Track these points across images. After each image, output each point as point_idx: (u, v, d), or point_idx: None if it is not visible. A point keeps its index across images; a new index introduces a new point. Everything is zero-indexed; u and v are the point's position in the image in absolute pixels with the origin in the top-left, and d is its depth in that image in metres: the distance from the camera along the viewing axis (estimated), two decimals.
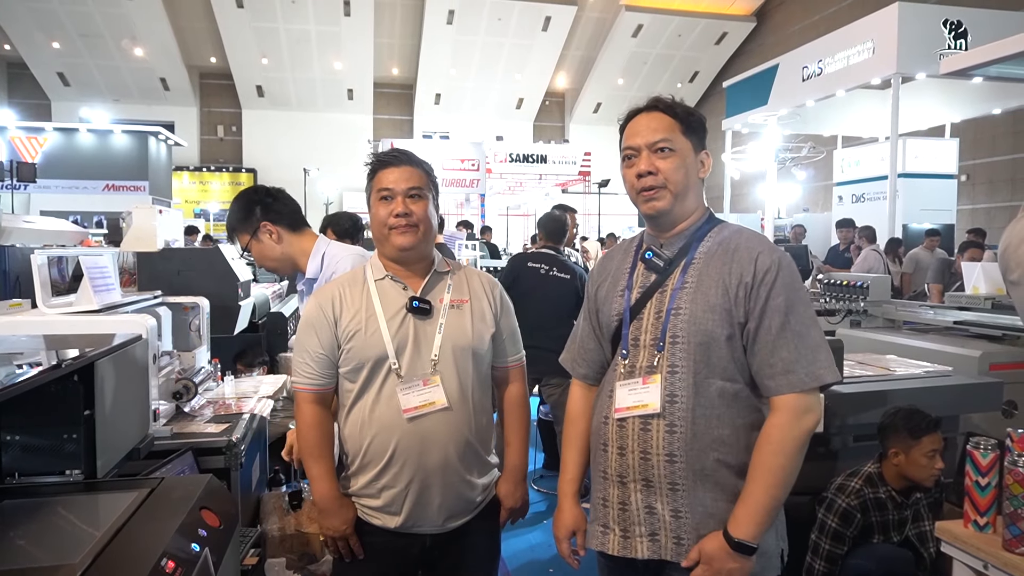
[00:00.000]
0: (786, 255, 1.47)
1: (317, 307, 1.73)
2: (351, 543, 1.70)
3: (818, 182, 15.69)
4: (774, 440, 1.38)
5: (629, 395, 1.48)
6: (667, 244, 1.54)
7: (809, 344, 1.40)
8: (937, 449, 2.30)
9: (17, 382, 1.33)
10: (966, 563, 1.68)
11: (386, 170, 1.71)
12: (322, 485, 1.70)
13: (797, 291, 1.43)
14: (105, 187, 16.04)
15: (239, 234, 2.23)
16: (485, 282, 1.83)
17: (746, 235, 1.51)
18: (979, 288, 4.49)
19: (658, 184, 1.48)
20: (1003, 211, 13.15)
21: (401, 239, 1.68)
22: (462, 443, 1.70)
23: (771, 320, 1.40)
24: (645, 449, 1.46)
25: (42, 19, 17.43)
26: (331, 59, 19.74)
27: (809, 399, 1.40)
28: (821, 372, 1.39)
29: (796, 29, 17.89)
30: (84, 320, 2.17)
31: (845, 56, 9.42)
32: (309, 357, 1.71)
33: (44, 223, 3.18)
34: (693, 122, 1.52)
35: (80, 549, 1.14)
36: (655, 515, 1.45)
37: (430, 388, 1.66)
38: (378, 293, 1.71)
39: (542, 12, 19.26)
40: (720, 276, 1.45)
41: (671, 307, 1.47)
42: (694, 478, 1.42)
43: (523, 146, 17.89)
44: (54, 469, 1.52)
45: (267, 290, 4.81)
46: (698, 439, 1.42)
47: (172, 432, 2.26)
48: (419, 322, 1.70)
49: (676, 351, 1.45)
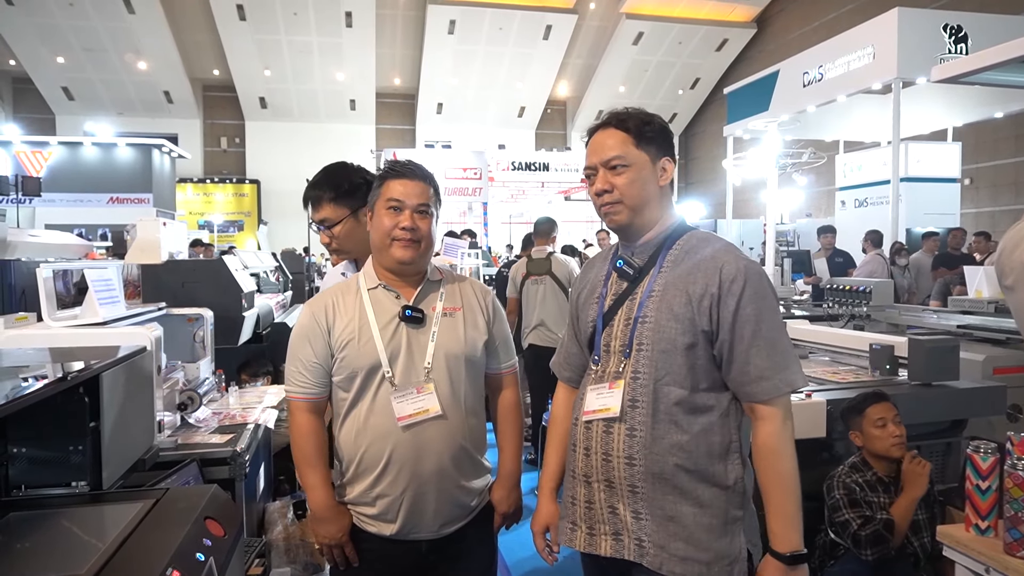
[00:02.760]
0: (753, 264, 1.49)
1: (310, 316, 1.73)
2: (346, 551, 1.71)
3: (820, 187, 15.69)
4: (774, 449, 1.43)
5: (596, 399, 1.53)
6: (638, 252, 1.58)
7: (780, 350, 1.45)
8: (885, 417, 2.36)
9: (23, 395, 1.35)
10: (968, 567, 1.68)
11: (398, 180, 1.73)
12: (318, 493, 1.71)
13: (765, 299, 1.46)
14: (109, 200, 16.12)
15: (337, 206, 2.09)
16: (477, 290, 1.85)
17: (713, 244, 1.53)
18: (982, 292, 4.49)
19: (614, 200, 1.53)
20: (1007, 215, 13.12)
21: (403, 252, 1.70)
22: (456, 449, 1.71)
23: (743, 330, 1.44)
24: (607, 451, 1.51)
25: (46, 34, 17.57)
26: (333, 70, 19.84)
27: (786, 403, 1.46)
28: (793, 378, 1.45)
29: (796, 35, 17.93)
30: (89, 333, 2.19)
31: (846, 61, 9.43)
32: (302, 366, 1.72)
33: (49, 237, 3.20)
34: (648, 132, 1.53)
35: (86, 560, 1.15)
36: (617, 515, 1.50)
37: (424, 396, 1.67)
38: (371, 302, 1.73)
39: (543, 21, 19.34)
40: (684, 285, 1.48)
41: (639, 315, 1.51)
42: (653, 481, 1.46)
43: (525, 154, 17.96)
44: (60, 481, 1.53)
45: (270, 300, 4.83)
46: (656, 443, 1.46)
47: (177, 443, 2.28)
48: (412, 330, 1.71)
49: (640, 358, 1.49)
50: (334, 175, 2.14)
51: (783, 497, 1.42)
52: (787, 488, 1.43)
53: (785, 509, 1.42)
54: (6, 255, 2.62)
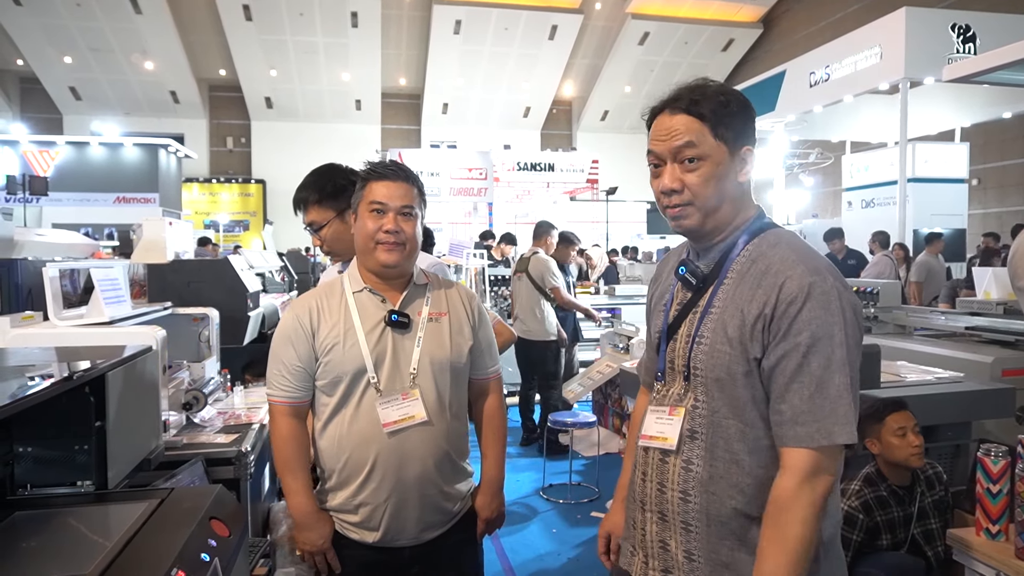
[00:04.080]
0: (827, 279, 1.22)
1: (294, 318, 1.71)
2: (328, 557, 1.70)
3: (827, 188, 15.64)
4: (783, 507, 1.19)
5: (655, 423, 1.37)
6: (703, 255, 1.36)
7: (828, 393, 1.18)
8: (905, 426, 2.32)
9: (29, 394, 1.34)
10: (978, 571, 1.66)
11: (380, 182, 1.69)
12: (299, 499, 1.69)
13: (828, 327, 1.19)
14: (116, 199, 16.18)
15: (322, 209, 2.11)
16: (463, 295, 1.84)
17: (782, 251, 1.27)
18: (991, 293, 4.46)
19: (684, 202, 1.29)
20: (1014, 215, 13.05)
21: (387, 256, 1.67)
22: (440, 455, 1.70)
23: (787, 361, 1.20)
24: (662, 481, 1.34)
25: (54, 35, 17.65)
26: (339, 70, 19.87)
27: (821, 459, 1.18)
28: (835, 429, 1.17)
29: (803, 35, 17.88)
30: (95, 332, 2.19)
31: (852, 61, 9.39)
32: (285, 369, 1.70)
33: (56, 236, 3.21)
34: (727, 117, 1.27)
35: (91, 560, 1.15)
36: (668, 552, 1.34)
37: (409, 402, 1.66)
38: (356, 306, 1.71)
39: (548, 21, 19.33)
40: (741, 303, 1.25)
41: (696, 333, 1.30)
42: (708, 522, 1.28)
43: (530, 154, 17.93)
44: (66, 480, 1.53)
45: (276, 300, 4.84)
46: (715, 483, 1.27)
47: (182, 443, 2.28)
48: (397, 336, 1.70)
49: (697, 384, 1.30)
50: (319, 177, 2.15)
51: (780, 563, 1.17)
52: (790, 557, 1.16)
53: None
54: (12, 254, 2.63)
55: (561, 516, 4.27)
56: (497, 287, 7.46)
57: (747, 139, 1.31)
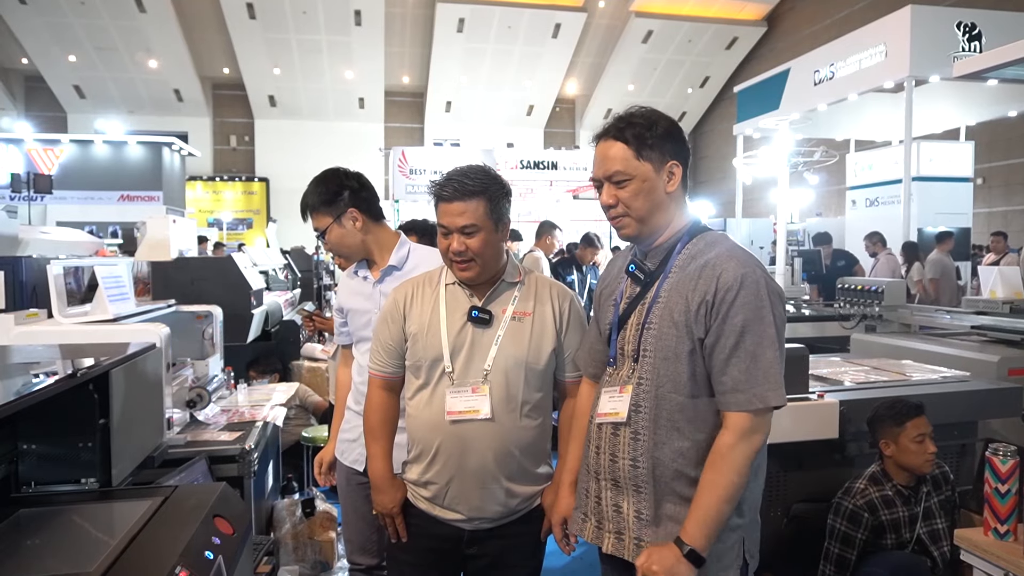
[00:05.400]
0: (756, 271, 1.45)
1: (393, 301, 1.83)
2: (397, 522, 1.79)
3: (831, 186, 15.59)
4: (723, 456, 1.42)
5: (608, 402, 1.56)
6: (650, 256, 1.57)
7: (761, 365, 1.41)
8: (924, 433, 2.31)
9: (33, 391, 1.34)
10: (986, 572, 1.66)
11: (442, 204, 1.72)
12: (377, 464, 1.82)
13: (758, 309, 1.42)
14: (120, 197, 16.20)
15: (321, 215, 2.17)
16: (557, 295, 1.82)
17: (719, 249, 1.50)
18: (996, 292, 4.44)
19: (620, 214, 1.52)
20: (1020, 215, 13.01)
21: (462, 273, 1.74)
22: (503, 453, 1.72)
23: (726, 339, 1.42)
24: (614, 452, 1.53)
25: (58, 33, 17.66)
26: (342, 69, 19.86)
27: (756, 419, 1.42)
28: (768, 395, 1.41)
29: (807, 33, 17.82)
30: (99, 329, 2.19)
31: (857, 60, 9.35)
32: (381, 345, 1.82)
33: (60, 234, 3.21)
34: (650, 140, 1.49)
35: (95, 557, 1.15)
36: (621, 514, 1.53)
37: (477, 396, 1.70)
38: (446, 297, 1.78)
39: (552, 19, 19.28)
40: (685, 292, 1.47)
41: (646, 321, 1.51)
42: (655, 483, 1.48)
43: (534, 153, 17.88)
44: (70, 478, 1.53)
45: (279, 298, 4.84)
46: (659, 448, 1.48)
47: (186, 440, 2.28)
48: (478, 331, 1.74)
49: (645, 363, 1.50)
50: (316, 185, 2.21)
51: (710, 502, 1.41)
52: (719, 497, 1.41)
53: (707, 513, 1.41)
54: (17, 252, 2.63)
55: None
56: None
57: (675, 156, 1.52)
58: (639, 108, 1.54)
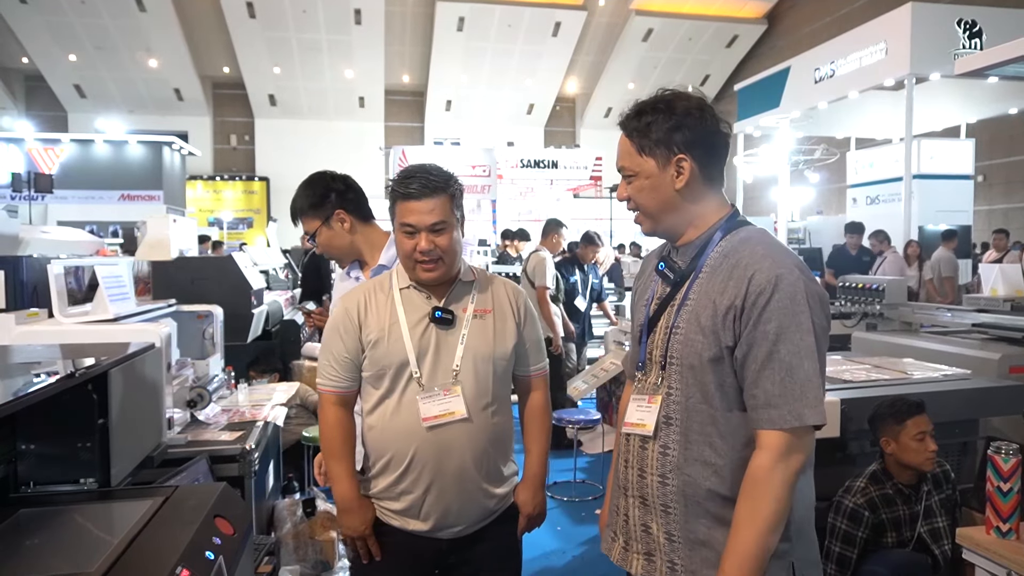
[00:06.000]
0: (793, 272, 1.29)
1: (344, 311, 1.75)
2: (369, 543, 1.72)
3: (832, 184, 15.58)
4: (759, 483, 1.27)
5: (636, 411, 1.45)
6: (680, 254, 1.45)
7: (798, 378, 1.26)
8: (925, 431, 2.31)
9: (31, 391, 1.34)
10: (988, 570, 1.65)
11: (406, 203, 1.67)
12: (343, 485, 1.72)
13: (795, 316, 1.27)
14: (120, 197, 16.21)
15: (309, 219, 2.17)
16: (510, 291, 1.83)
17: (752, 246, 1.35)
18: (998, 290, 4.43)
19: (633, 209, 1.45)
20: (1020, 212, 12.99)
21: (427, 274, 1.69)
22: (480, 452, 1.71)
23: (758, 348, 1.28)
24: (642, 467, 1.42)
25: (59, 33, 17.66)
26: (342, 68, 19.85)
27: (793, 439, 1.26)
28: (805, 412, 1.25)
29: (807, 31, 17.79)
30: (99, 329, 2.19)
31: (858, 57, 9.34)
32: (334, 359, 1.73)
33: (60, 233, 3.21)
34: (654, 133, 1.37)
35: (96, 558, 1.15)
36: (650, 535, 1.41)
37: (450, 398, 1.67)
38: (402, 301, 1.73)
39: (552, 17, 19.26)
40: (714, 295, 1.33)
41: (673, 324, 1.39)
42: (685, 503, 1.36)
43: (534, 152, 17.91)
44: (68, 478, 1.53)
45: (280, 298, 4.84)
46: (690, 465, 1.35)
47: (187, 440, 2.27)
48: (441, 332, 1.71)
49: (672, 372, 1.38)
50: (303, 189, 2.21)
51: (749, 537, 1.25)
52: (759, 531, 1.25)
53: (747, 549, 1.25)
54: (18, 251, 2.63)
55: (566, 513, 4.26)
56: None
57: (687, 148, 1.36)
58: (663, 92, 1.41)
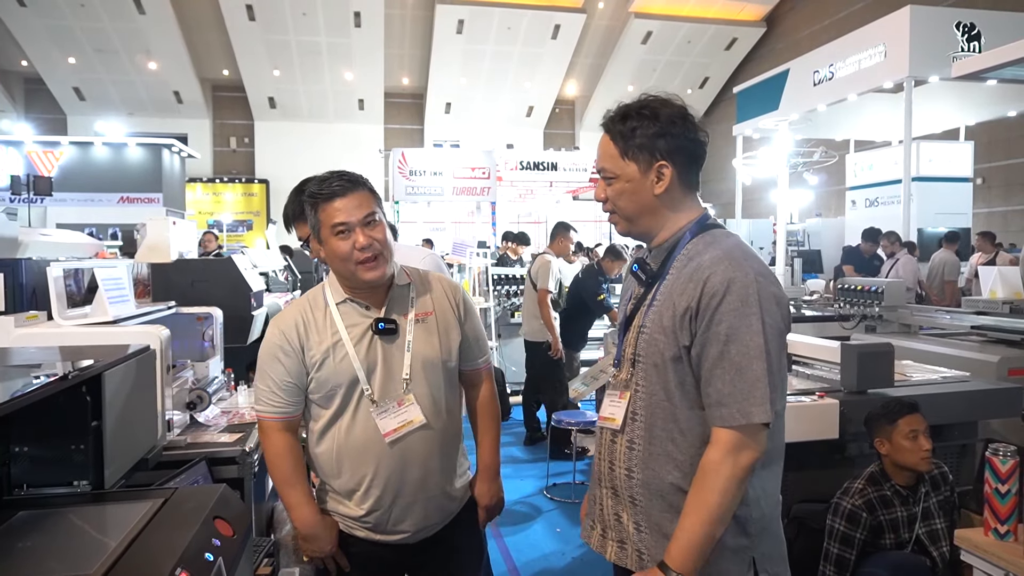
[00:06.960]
0: (748, 274, 1.33)
1: (280, 334, 1.67)
2: (336, 558, 1.70)
3: (831, 187, 15.58)
4: (707, 475, 1.32)
5: (608, 406, 1.50)
6: (653, 256, 1.51)
7: (747, 378, 1.30)
8: (918, 429, 2.31)
9: (24, 393, 1.34)
10: (987, 572, 1.65)
11: (332, 203, 1.61)
12: (302, 512, 1.68)
13: (745, 317, 1.31)
14: (120, 199, 16.19)
15: (301, 224, 2.17)
16: (446, 288, 1.81)
17: (713, 250, 1.39)
18: (996, 292, 4.44)
19: (610, 210, 1.48)
20: (1020, 214, 13.00)
21: (371, 274, 1.63)
22: (441, 456, 1.72)
23: (711, 348, 1.33)
24: (612, 460, 1.49)
25: (58, 36, 17.67)
26: (342, 70, 19.87)
27: (743, 436, 1.31)
28: (752, 410, 1.30)
29: (806, 34, 17.82)
30: (99, 331, 2.19)
31: (856, 60, 9.36)
32: (275, 385, 1.66)
33: (60, 236, 3.21)
34: (638, 138, 1.40)
35: (95, 560, 1.15)
36: (621, 524, 1.48)
37: (405, 408, 1.66)
38: (341, 317, 1.68)
39: (551, 20, 19.29)
40: (675, 296, 1.39)
41: (642, 324, 1.44)
42: (650, 496, 1.42)
43: (534, 154, 17.90)
44: (62, 480, 1.52)
45: (280, 300, 4.83)
46: (654, 459, 1.41)
47: (186, 442, 2.27)
48: (386, 343, 1.67)
49: (639, 370, 1.44)
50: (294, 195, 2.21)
51: (694, 524, 1.31)
52: (702, 520, 1.31)
53: (691, 536, 1.31)
54: (17, 254, 2.63)
55: (565, 515, 4.26)
56: (500, 286, 7.45)
57: (667, 155, 1.40)
58: (646, 98, 1.45)
